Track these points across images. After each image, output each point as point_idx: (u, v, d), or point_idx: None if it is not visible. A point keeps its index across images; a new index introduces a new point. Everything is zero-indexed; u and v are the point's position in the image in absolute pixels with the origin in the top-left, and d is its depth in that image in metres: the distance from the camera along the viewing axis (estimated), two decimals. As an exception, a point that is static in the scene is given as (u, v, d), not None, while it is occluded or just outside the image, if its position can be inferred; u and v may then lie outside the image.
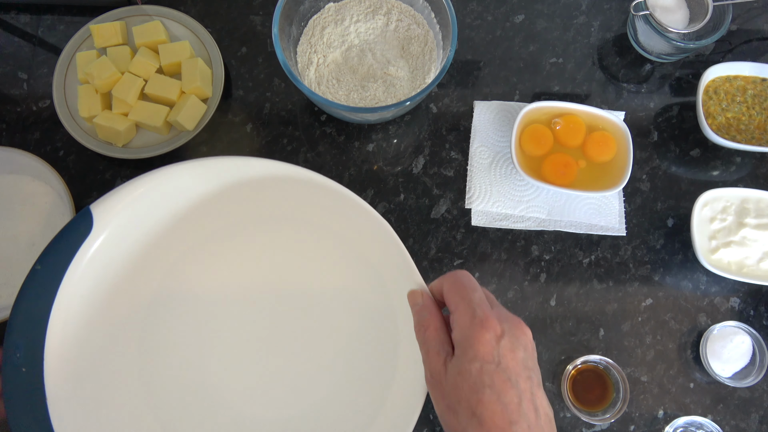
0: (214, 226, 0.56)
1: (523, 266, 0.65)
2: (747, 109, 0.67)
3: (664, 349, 0.63)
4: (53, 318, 0.45)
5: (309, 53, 0.65)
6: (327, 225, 0.56)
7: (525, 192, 0.66)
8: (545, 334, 0.63)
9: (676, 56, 0.70)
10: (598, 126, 0.65)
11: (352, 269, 0.58)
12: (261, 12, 0.71)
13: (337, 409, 0.55)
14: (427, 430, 0.60)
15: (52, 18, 0.71)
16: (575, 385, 0.61)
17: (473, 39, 0.71)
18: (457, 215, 0.66)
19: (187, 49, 0.64)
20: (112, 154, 0.62)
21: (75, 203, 0.62)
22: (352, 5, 0.66)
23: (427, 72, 0.64)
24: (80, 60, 0.64)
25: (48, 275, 0.46)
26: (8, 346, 0.44)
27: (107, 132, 0.62)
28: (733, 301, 0.65)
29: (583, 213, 0.66)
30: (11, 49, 0.69)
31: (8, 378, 0.43)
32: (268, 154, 0.67)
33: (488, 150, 0.67)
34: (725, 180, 0.68)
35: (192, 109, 0.63)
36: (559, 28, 0.72)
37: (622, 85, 0.71)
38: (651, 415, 0.61)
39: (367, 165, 0.67)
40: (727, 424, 0.61)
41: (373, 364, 0.56)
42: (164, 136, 0.64)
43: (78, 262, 0.47)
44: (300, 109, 0.69)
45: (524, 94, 0.70)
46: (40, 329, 0.45)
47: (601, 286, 0.65)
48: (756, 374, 0.60)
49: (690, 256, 0.66)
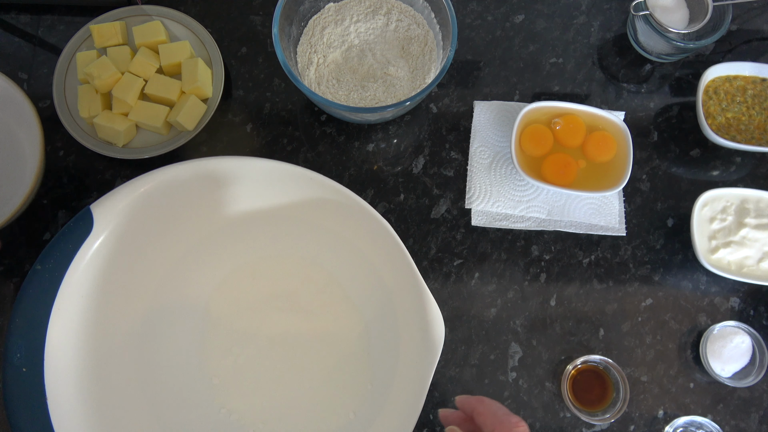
0: (214, 226, 0.57)
1: (523, 266, 0.65)
2: (747, 109, 0.67)
3: (664, 349, 0.63)
4: (53, 318, 0.45)
5: (309, 53, 0.65)
6: (327, 225, 0.56)
7: (525, 192, 0.66)
8: (545, 334, 0.63)
9: (676, 56, 0.70)
10: (598, 126, 0.65)
11: (352, 269, 0.58)
12: (261, 12, 0.71)
13: (337, 410, 0.55)
14: (427, 430, 0.60)
15: (52, 18, 0.71)
16: (575, 385, 0.61)
17: (473, 39, 0.71)
18: (457, 215, 0.66)
19: (187, 49, 0.64)
20: (112, 155, 0.62)
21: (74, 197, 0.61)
22: (352, 5, 0.66)
23: (427, 72, 0.64)
24: (80, 60, 0.64)
25: (48, 275, 0.46)
26: (8, 346, 0.44)
27: (107, 132, 0.62)
28: (733, 301, 0.65)
29: (583, 213, 0.66)
30: (11, 49, 0.69)
31: (8, 378, 0.44)
32: (268, 154, 0.67)
33: (488, 150, 0.67)
34: (725, 180, 0.68)
35: (192, 109, 0.63)
36: (559, 28, 0.72)
37: (622, 85, 0.71)
38: (651, 415, 0.61)
39: (367, 165, 0.67)
40: (727, 424, 0.61)
41: (373, 365, 0.56)
42: (164, 136, 0.64)
43: (78, 262, 0.47)
44: (300, 109, 0.69)
45: (524, 94, 0.70)
46: (40, 329, 0.45)
47: (601, 286, 0.65)
48: (756, 374, 0.60)
49: (690, 256, 0.66)
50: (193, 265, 0.57)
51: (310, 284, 0.59)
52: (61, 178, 0.65)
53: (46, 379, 0.44)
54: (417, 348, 0.48)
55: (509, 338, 0.63)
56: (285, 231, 0.58)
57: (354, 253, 0.56)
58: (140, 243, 0.52)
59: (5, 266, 0.63)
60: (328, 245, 0.58)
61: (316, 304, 0.59)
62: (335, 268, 0.59)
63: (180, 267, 0.56)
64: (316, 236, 0.57)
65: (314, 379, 0.57)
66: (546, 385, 0.62)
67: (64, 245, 0.47)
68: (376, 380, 0.54)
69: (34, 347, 0.45)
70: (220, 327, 0.58)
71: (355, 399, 0.55)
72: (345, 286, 0.59)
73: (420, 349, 0.48)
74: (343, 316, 0.58)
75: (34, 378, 0.44)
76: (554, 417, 0.61)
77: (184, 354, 0.56)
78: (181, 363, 0.56)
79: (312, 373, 0.57)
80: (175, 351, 0.56)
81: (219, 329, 0.58)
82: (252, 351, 0.57)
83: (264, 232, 0.58)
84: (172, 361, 0.55)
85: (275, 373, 0.57)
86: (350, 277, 0.58)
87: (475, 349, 0.62)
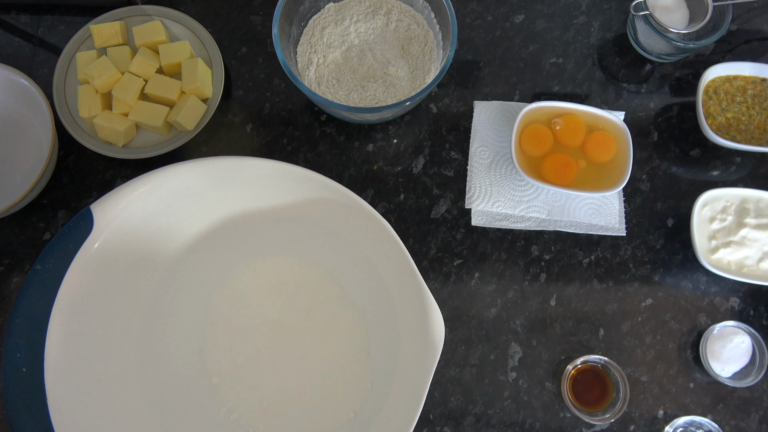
0: (213, 225, 0.57)
1: (523, 266, 0.65)
2: (747, 109, 0.67)
3: (664, 349, 0.63)
4: (53, 318, 0.45)
5: (309, 53, 0.65)
6: (327, 225, 0.56)
7: (525, 192, 0.66)
8: (545, 334, 0.63)
9: (676, 56, 0.70)
10: (598, 126, 0.65)
11: (352, 269, 0.58)
12: (261, 12, 0.71)
13: (337, 410, 0.55)
14: (427, 430, 0.60)
15: (52, 18, 0.71)
16: (575, 385, 0.61)
17: (473, 39, 0.71)
18: (457, 215, 0.66)
19: (187, 49, 0.64)
20: (112, 154, 0.62)
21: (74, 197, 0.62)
22: (352, 5, 0.66)
23: (427, 72, 0.64)
24: (80, 60, 0.64)
25: (48, 275, 0.46)
26: (8, 346, 0.44)
27: (107, 132, 0.62)
28: (733, 301, 0.65)
29: (583, 213, 0.66)
30: (11, 49, 0.69)
31: (8, 378, 0.44)
32: (268, 154, 0.67)
33: (488, 150, 0.67)
34: (725, 180, 0.68)
35: (192, 109, 0.63)
36: (559, 28, 0.72)
37: (622, 85, 0.71)
38: (651, 415, 0.61)
39: (367, 165, 0.67)
40: (727, 424, 0.61)
41: (373, 365, 0.56)
42: (164, 136, 0.64)
43: (78, 262, 0.47)
44: (300, 109, 0.69)
45: (524, 94, 0.70)
46: (40, 329, 0.45)
47: (601, 286, 0.65)
48: (756, 374, 0.60)
49: (690, 256, 0.66)
50: (193, 264, 0.57)
51: (310, 284, 0.59)
52: (61, 178, 0.66)
53: (46, 379, 0.44)
54: (417, 348, 0.48)
55: (509, 338, 0.63)
56: (285, 231, 0.58)
57: (354, 253, 0.56)
58: (140, 243, 0.52)
59: (5, 266, 0.63)
60: (328, 245, 0.58)
61: (316, 304, 0.59)
62: (335, 267, 0.59)
63: (180, 267, 0.56)
64: (316, 236, 0.57)
65: (314, 379, 0.57)
66: (546, 385, 0.62)
67: (64, 245, 0.47)
68: (376, 380, 0.54)
69: (34, 347, 0.45)
70: (220, 327, 0.58)
71: (355, 399, 0.55)
72: (345, 285, 0.59)
73: (420, 349, 0.47)
74: (343, 316, 0.58)
75: (34, 378, 0.44)
76: (554, 417, 0.61)
77: (184, 353, 0.56)
78: (181, 362, 0.56)
79: (312, 372, 0.57)
80: (175, 350, 0.56)
81: (219, 329, 0.58)
82: (252, 350, 0.57)
83: (264, 232, 0.58)
84: (172, 360, 0.55)
85: (275, 372, 0.57)
86: (350, 277, 0.58)
87: (475, 349, 0.62)
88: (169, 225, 0.53)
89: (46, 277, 0.46)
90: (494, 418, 0.61)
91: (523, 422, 0.61)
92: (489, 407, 0.61)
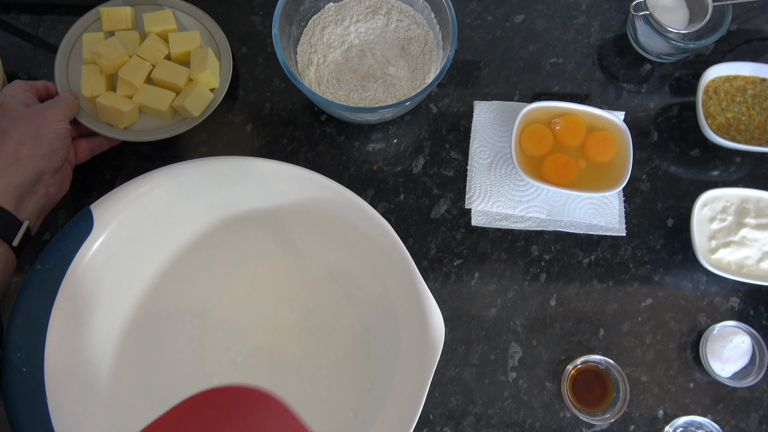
0: (214, 225, 0.56)
1: (523, 266, 0.65)
2: (747, 109, 0.67)
3: (664, 349, 0.63)
4: (53, 318, 0.45)
5: (309, 53, 0.65)
6: (327, 225, 0.56)
7: (525, 192, 0.66)
8: (545, 334, 0.63)
9: (676, 56, 0.70)
10: (598, 126, 0.65)
11: (352, 269, 0.58)
12: (261, 12, 0.71)
13: (337, 409, 0.55)
14: (427, 430, 0.60)
15: (52, 18, 0.71)
16: (575, 385, 0.61)
17: (473, 39, 0.71)
18: (457, 215, 0.66)
19: (197, 39, 0.64)
20: (112, 135, 0.61)
21: (74, 197, 0.61)
22: (352, 5, 0.66)
23: (427, 72, 0.64)
24: (87, 40, 0.63)
25: (48, 275, 0.46)
26: (8, 346, 0.44)
27: (110, 113, 0.61)
28: (732, 301, 0.65)
29: (583, 213, 0.66)
30: (11, 49, 0.69)
31: (8, 378, 0.43)
32: (268, 154, 0.67)
33: (488, 150, 0.68)
34: (725, 180, 0.68)
35: (199, 95, 0.62)
36: (559, 28, 0.72)
37: (622, 85, 0.71)
38: (651, 415, 0.61)
39: (367, 165, 0.67)
40: (727, 424, 0.61)
41: (373, 365, 0.56)
42: (166, 122, 0.63)
43: (78, 262, 0.47)
44: (300, 109, 0.69)
45: (524, 94, 0.70)
46: (40, 329, 0.45)
47: (601, 286, 0.65)
48: (756, 374, 0.60)
49: (690, 256, 0.66)
50: (193, 264, 0.57)
51: (309, 284, 0.59)
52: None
53: (46, 379, 0.44)
54: (417, 348, 0.48)
55: (509, 338, 0.63)
56: (285, 231, 0.58)
57: (354, 253, 0.56)
58: (140, 243, 0.52)
59: (5, 266, 0.63)
60: (328, 245, 0.58)
61: (315, 303, 0.59)
62: (335, 268, 0.59)
63: (180, 267, 0.56)
64: (316, 236, 0.57)
65: (314, 379, 0.57)
66: (546, 385, 0.62)
67: (64, 245, 0.47)
68: (376, 380, 0.54)
69: (34, 347, 0.44)
70: (220, 326, 0.58)
71: (355, 399, 0.55)
72: (345, 285, 0.59)
73: (420, 349, 0.47)
74: (343, 315, 0.58)
75: (34, 378, 0.44)
76: (554, 417, 0.61)
77: (184, 353, 0.56)
78: (181, 362, 0.56)
79: (312, 372, 0.57)
80: (175, 350, 0.56)
81: (219, 328, 0.58)
82: (251, 350, 0.57)
83: (264, 232, 0.58)
84: (172, 360, 0.55)
85: (275, 372, 0.57)
86: (350, 277, 0.58)
87: (475, 349, 0.62)
88: (169, 225, 0.53)
89: (46, 277, 0.46)
90: (494, 418, 0.61)
91: (523, 422, 0.61)
92: (489, 407, 0.61)
